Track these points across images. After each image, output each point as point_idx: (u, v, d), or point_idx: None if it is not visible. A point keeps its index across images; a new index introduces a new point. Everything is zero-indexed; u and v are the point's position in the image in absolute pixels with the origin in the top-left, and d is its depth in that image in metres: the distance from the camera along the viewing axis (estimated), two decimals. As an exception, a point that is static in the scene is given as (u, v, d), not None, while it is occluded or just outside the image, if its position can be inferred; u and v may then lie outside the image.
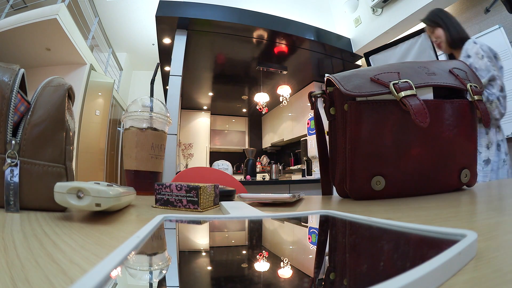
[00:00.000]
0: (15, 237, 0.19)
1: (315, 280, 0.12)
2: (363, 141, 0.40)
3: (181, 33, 2.76)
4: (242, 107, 5.72)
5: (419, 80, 0.41)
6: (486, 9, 2.01)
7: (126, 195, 0.31)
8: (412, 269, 0.09)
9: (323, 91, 0.46)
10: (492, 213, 0.26)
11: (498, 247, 0.15)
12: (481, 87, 0.45)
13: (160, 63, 3.53)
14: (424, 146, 0.41)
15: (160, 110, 0.61)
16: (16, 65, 0.31)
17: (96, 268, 0.09)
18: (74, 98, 0.36)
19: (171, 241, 0.19)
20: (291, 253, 0.17)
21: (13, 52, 3.35)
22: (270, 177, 3.82)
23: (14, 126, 0.29)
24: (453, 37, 1.20)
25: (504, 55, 2.30)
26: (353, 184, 0.40)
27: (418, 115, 0.36)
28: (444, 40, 1.23)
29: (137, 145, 0.58)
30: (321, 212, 0.25)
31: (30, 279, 0.12)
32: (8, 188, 0.27)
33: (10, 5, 3.40)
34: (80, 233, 0.20)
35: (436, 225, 0.16)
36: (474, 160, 0.45)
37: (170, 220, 0.22)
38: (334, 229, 0.22)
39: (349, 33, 3.25)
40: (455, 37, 1.20)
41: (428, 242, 0.15)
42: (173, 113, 2.45)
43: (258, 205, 0.37)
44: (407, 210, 0.30)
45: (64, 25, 3.21)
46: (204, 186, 0.33)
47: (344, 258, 0.15)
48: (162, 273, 0.13)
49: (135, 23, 5.21)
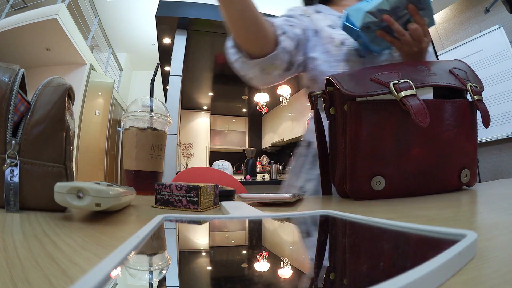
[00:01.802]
0: (15, 237, 0.19)
1: (315, 280, 0.12)
2: (363, 141, 0.40)
3: (181, 33, 2.76)
4: (242, 107, 5.72)
5: (419, 80, 0.41)
6: (486, 9, 2.01)
7: (126, 195, 0.31)
8: (412, 269, 0.09)
9: (323, 91, 0.46)
10: (492, 213, 0.26)
11: (498, 247, 0.15)
12: (481, 87, 0.45)
13: (160, 63, 3.53)
14: (424, 146, 0.41)
15: (160, 110, 0.61)
16: (16, 65, 0.31)
17: (96, 268, 0.09)
18: (74, 98, 0.36)
19: (171, 241, 0.19)
20: (291, 253, 0.17)
21: (13, 52, 3.35)
22: (270, 177, 3.82)
23: (14, 126, 0.29)
24: None
25: (504, 55, 2.30)
26: (353, 184, 0.40)
27: (418, 115, 0.36)
28: None
29: (137, 145, 0.58)
30: (321, 212, 0.25)
31: (30, 279, 0.12)
32: (8, 188, 0.27)
33: (10, 5, 3.40)
34: (80, 233, 0.20)
35: (436, 225, 0.16)
36: (474, 160, 0.45)
37: (170, 220, 0.22)
38: (334, 229, 0.22)
39: (349, 33, 3.24)
40: None
41: (428, 242, 0.15)
42: (173, 113, 2.45)
43: (258, 205, 0.37)
44: (407, 210, 0.30)
45: (64, 25, 3.22)
46: (204, 186, 0.33)
47: (344, 258, 0.15)
48: (162, 273, 0.13)
49: (135, 23, 5.21)
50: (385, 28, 0.53)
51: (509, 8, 0.70)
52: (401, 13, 0.51)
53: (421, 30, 0.51)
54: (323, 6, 0.79)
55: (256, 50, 0.57)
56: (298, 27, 0.65)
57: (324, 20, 0.71)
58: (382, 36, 0.54)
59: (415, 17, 0.50)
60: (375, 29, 0.53)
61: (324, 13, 0.75)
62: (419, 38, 0.51)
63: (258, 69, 0.59)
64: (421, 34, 0.51)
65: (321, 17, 0.73)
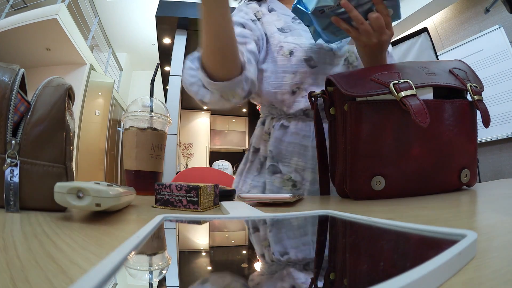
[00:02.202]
0: (15, 237, 0.19)
1: (315, 280, 0.12)
2: (363, 141, 0.40)
3: (181, 33, 2.77)
4: (242, 107, 5.72)
5: (419, 80, 0.41)
6: (486, 9, 2.01)
7: (126, 195, 0.31)
8: (412, 269, 0.09)
9: (323, 91, 0.46)
10: (492, 213, 0.26)
11: (498, 247, 0.15)
12: (481, 87, 0.45)
13: (160, 63, 3.53)
14: (424, 146, 0.41)
15: (160, 110, 0.61)
16: (16, 65, 0.31)
17: (96, 268, 0.09)
18: (74, 98, 0.36)
19: (171, 241, 0.19)
20: (291, 253, 0.17)
21: (13, 52, 3.35)
22: (270, 177, 3.81)
23: (14, 126, 0.29)
24: None
25: (504, 55, 2.30)
26: (353, 184, 0.40)
27: (418, 115, 0.36)
28: None
29: (137, 145, 0.58)
30: (321, 212, 0.25)
31: (30, 279, 0.12)
32: (8, 188, 0.27)
33: (10, 5, 3.40)
34: (80, 233, 0.20)
35: (436, 225, 0.16)
36: (474, 160, 0.45)
37: (170, 220, 0.22)
38: (334, 229, 0.22)
39: (349, 33, 3.25)
40: None
41: (428, 242, 0.15)
42: (173, 113, 2.45)
43: (258, 205, 0.37)
44: (407, 210, 0.30)
45: (64, 25, 3.22)
46: (204, 186, 0.33)
47: (344, 258, 0.15)
48: (162, 273, 0.13)
49: (135, 23, 5.21)
50: (342, 15, 0.48)
51: (509, 8, 0.70)
52: (363, 0, 0.46)
53: (383, 21, 0.46)
54: (277, 2, 0.72)
55: (223, 73, 0.52)
56: (251, 42, 0.60)
57: (276, 22, 0.66)
58: (337, 23, 0.49)
59: (378, 6, 0.46)
60: (331, 14, 0.48)
61: (278, 12, 0.69)
62: (380, 29, 0.47)
63: (217, 94, 0.55)
64: (382, 25, 0.47)
65: (273, 18, 0.68)
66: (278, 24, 0.65)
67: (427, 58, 1.78)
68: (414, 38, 1.87)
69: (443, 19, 2.79)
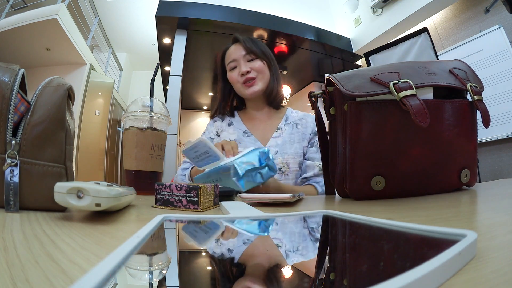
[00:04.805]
0: (15, 237, 0.19)
1: (315, 280, 0.12)
2: (363, 141, 0.40)
3: (181, 33, 2.76)
4: (242, 107, 5.70)
5: (419, 80, 0.41)
6: (486, 9, 2.01)
7: (126, 195, 0.31)
8: (412, 269, 0.09)
9: (323, 91, 0.46)
10: (492, 213, 0.26)
11: (498, 247, 0.15)
12: (481, 87, 0.45)
13: (160, 63, 3.53)
14: (424, 146, 0.41)
15: (160, 110, 0.61)
16: (16, 65, 0.31)
17: (96, 268, 0.09)
18: (74, 98, 0.36)
19: (171, 241, 0.19)
20: (291, 253, 0.17)
21: (13, 52, 3.35)
22: (270, 177, 3.80)
23: (14, 126, 0.29)
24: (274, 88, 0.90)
25: (504, 55, 2.30)
26: (353, 184, 0.40)
27: (418, 115, 0.36)
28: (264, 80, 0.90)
29: (137, 145, 0.58)
30: (321, 212, 0.25)
31: (30, 279, 0.12)
32: (8, 188, 0.27)
33: (10, 5, 3.40)
34: (80, 233, 0.20)
35: (436, 225, 0.16)
36: (474, 160, 0.45)
37: (170, 220, 0.22)
38: (334, 229, 0.22)
39: (349, 33, 3.25)
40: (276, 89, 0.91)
41: (428, 242, 0.15)
42: (173, 113, 2.45)
43: (258, 205, 0.37)
44: (407, 210, 0.30)
45: (64, 25, 3.21)
46: (204, 186, 0.33)
47: (344, 258, 0.15)
48: (162, 273, 0.13)
49: (135, 23, 5.21)
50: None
51: (509, 8, 0.70)
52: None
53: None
54: (237, 117, 0.88)
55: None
56: None
57: (230, 136, 0.82)
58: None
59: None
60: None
61: (235, 126, 0.85)
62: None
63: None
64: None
65: (229, 132, 0.84)
66: (232, 137, 0.83)
67: (427, 58, 1.77)
68: (414, 38, 1.87)
69: (443, 19, 2.79)
